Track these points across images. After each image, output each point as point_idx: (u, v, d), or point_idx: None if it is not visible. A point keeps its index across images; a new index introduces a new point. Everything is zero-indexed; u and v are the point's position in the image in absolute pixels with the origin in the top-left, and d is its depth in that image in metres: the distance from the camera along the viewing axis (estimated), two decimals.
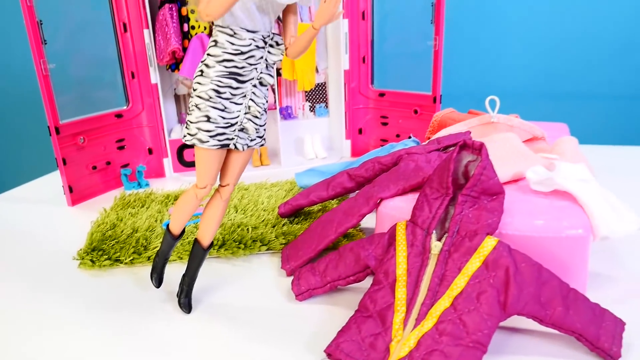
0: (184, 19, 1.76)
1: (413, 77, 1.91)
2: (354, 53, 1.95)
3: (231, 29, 0.87)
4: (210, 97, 0.88)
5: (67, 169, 1.64)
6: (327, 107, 2.12)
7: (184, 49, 1.79)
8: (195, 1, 0.89)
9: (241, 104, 0.91)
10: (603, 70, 2.38)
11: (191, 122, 0.90)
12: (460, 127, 1.40)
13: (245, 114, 0.92)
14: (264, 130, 0.99)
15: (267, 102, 0.96)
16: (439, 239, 0.96)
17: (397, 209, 1.11)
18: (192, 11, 1.75)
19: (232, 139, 0.92)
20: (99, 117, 1.74)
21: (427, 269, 0.92)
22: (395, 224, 1.02)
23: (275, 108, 1.94)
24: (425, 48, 1.78)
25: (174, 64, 1.82)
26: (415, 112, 1.89)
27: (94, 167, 1.75)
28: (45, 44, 1.53)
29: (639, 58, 2.33)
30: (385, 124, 2.02)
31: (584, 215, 1.03)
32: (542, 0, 2.29)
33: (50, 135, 1.59)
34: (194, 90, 0.89)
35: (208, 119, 0.89)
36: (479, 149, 1.00)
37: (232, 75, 0.88)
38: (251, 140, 0.96)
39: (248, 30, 0.87)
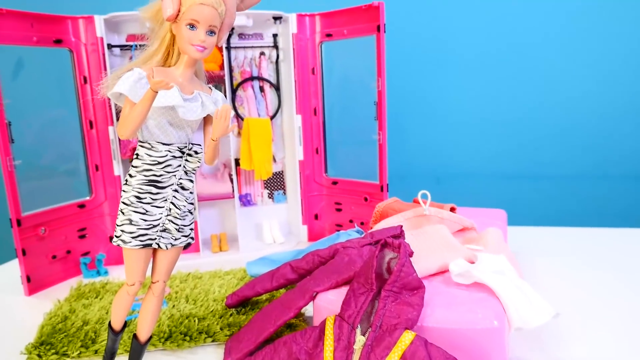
0: None
1: (363, 167, 2.06)
2: (308, 144, 2.10)
3: (149, 143, 0.97)
4: (132, 203, 0.97)
5: (26, 259, 1.69)
6: (284, 193, 2.24)
7: None
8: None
9: (162, 207, 0.99)
10: (547, 151, 2.58)
11: (117, 225, 0.99)
12: (396, 219, 1.52)
13: (167, 216, 1.00)
14: (190, 229, 1.08)
15: (190, 204, 1.05)
16: (363, 334, 1.04)
17: (331, 302, 1.18)
18: None
19: (155, 239, 1.00)
20: (62, 207, 1.82)
21: None
22: (326, 318, 1.10)
23: (233, 196, 2.04)
24: (373, 140, 1.94)
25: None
26: (366, 199, 2.02)
27: (54, 257, 1.80)
28: (13, 142, 1.63)
29: (580, 138, 2.53)
30: (339, 209, 2.13)
31: (500, 306, 1.12)
32: (485, 82, 2.52)
33: (11, 227, 1.65)
34: (121, 196, 0.99)
35: (130, 222, 0.97)
36: (398, 247, 1.10)
37: (152, 183, 0.97)
38: (175, 239, 1.03)
39: (163, 144, 0.96)
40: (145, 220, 0.98)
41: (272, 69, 2.14)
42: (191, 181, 1.04)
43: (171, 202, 1.00)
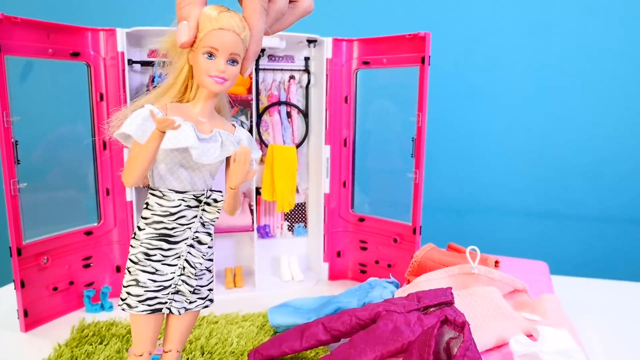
0: None
1: (393, 205, 1.92)
2: (335, 177, 1.96)
3: (160, 191, 0.84)
4: (140, 260, 0.85)
5: (24, 291, 1.53)
6: (306, 227, 2.09)
7: None
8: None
9: (175, 265, 0.87)
10: (576, 190, 2.43)
11: (123, 287, 0.87)
12: (439, 275, 1.37)
13: (180, 275, 0.88)
14: (209, 290, 0.95)
15: (208, 260, 0.92)
16: None
17: None
18: None
19: (166, 302, 0.88)
20: (67, 234, 1.67)
21: None
22: None
23: (253, 229, 1.89)
24: (406, 178, 1.79)
25: None
26: (395, 240, 1.87)
27: (55, 288, 1.64)
28: (19, 163, 1.48)
29: (612, 178, 2.39)
30: (364, 248, 1.98)
31: None
32: (513, 116, 2.39)
33: (10, 256, 1.50)
34: (129, 252, 0.87)
35: (137, 283, 0.85)
36: (461, 326, 0.95)
37: (163, 237, 0.85)
38: (189, 302, 0.91)
39: (176, 191, 0.84)
40: (155, 281, 0.86)
41: (302, 94, 2.00)
42: (209, 234, 0.91)
43: (185, 260, 0.88)
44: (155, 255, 0.85)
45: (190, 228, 0.86)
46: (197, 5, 0.78)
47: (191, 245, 0.87)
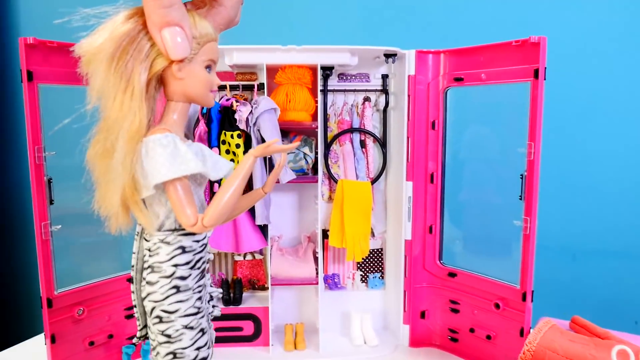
0: None
1: (494, 258, 1.50)
2: (419, 220, 1.59)
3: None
4: (199, 309, 0.76)
5: (55, 347, 1.35)
6: (382, 278, 1.73)
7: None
8: (183, 215, 0.72)
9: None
10: None
11: (184, 348, 0.74)
12: None
13: (209, 301, 0.84)
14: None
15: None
16: None
17: None
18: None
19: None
20: (106, 282, 1.48)
21: None
22: None
23: (317, 282, 1.58)
24: (512, 228, 1.38)
25: None
26: (497, 306, 1.45)
27: (91, 343, 1.45)
28: (52, 204, 1.32)
29: None
30: (455, 310, 1.57)
31: None
32: (634, 146, 1.85)
33: (41, 307, 1.33)
34: (172, 312, 0.72)
35: (203, 332, 0.76)
36: None
37: (202, 273, 0.79)
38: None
39: None
40: (207, 321, 0.80)
41: (379, 119, 1.68)
42: (209, 252, 0.85)
43: (210, 285, 0.85)
44: (203, 294, 0.78)
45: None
46: (182, 7, 0.63)
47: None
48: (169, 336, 0.73)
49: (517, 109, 1.35)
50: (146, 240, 0.75)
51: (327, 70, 1.55)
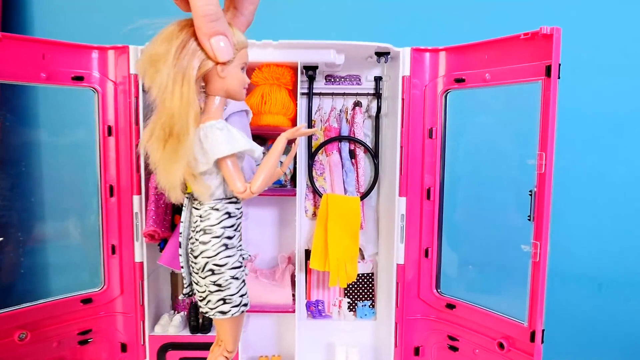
0: None
1: (500, 291, 1.29)
2: (414, 242, 1.39)
3: (235, 197, 0.87)
4: (241, 263, 0.89)
5: None
6: (373, 306, 1.53)
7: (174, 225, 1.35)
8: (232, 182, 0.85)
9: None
10: None
11: (232, 295, 0.87)
12: None
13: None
14: None
15: None
16: None
17: None
18: None
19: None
20: (57, 303, 1.32)
21: None
22: None
23: (293, 310, 1.38)
24: (520, 253, 1.17)
25: (163, 242, 1.38)
26: (501, 346, 1.23)
27: None
28: None
29: None
30: (454, 348, 1.36)
31: None
32: None
33: None
34: (222, 265, 0.86)
35: (244, 282, 0.90)
36: None
37: (241, 237, 0.90)
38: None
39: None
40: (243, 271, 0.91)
41: (371, 126, 1.49)
42: None
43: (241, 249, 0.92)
44: (243, 252, 0.91)
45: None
46: (225, 20, 0.77)
47: None
48: (220, 285, 0.86)
49: (526, 114, 1.15)
50: (196, 209, 0.87)
51: (311, 70, 1.38)
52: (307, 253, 1.49)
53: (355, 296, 1.53)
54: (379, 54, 1.36)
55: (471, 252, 1.41)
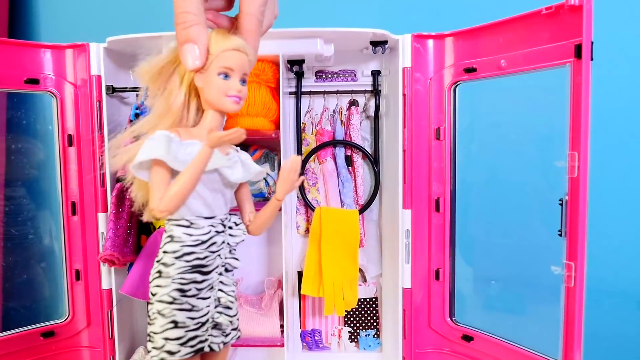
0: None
1: (526, 321, 1.07)
2: (421, 262, 1.18)
3: (186, 220, 0.77)
4: (175, 299, 0.76)
5: None
6: (378, 336, 1.33)
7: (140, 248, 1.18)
8: (140, 199, 0.81)
9: (209, 297, 0.80)
10: None
11: (154, 333, 0.77)
12: None
13: (216, 307, 0.81)
14: (237, 319, 0.86)
15: (236, 287, 0.85)
16: None
17: None
18: None
19: (206, 340, 0.80)
20: (14, 337, 1.15)
21: None
22: None
23: (282, 344, 1.19)
24: (550, 276, 0.96)
25: (131, 264, 1.21)
26: None
27: None
28: None
29: None
30: None
31: None
32: None
33: None
34: (153, 295, 0.77)
35: (176, 324, 0.76)
36: None
37: (196, 269, 0.78)
38: (226, 335, 0.83)
39: (205, 217, 0.78)
40: (194, 319, 0.78)
41: (369, 128, 1.31)
42: (236, 259, 0.84)
43: (219, 289, 0.81)
44: (190, 289, 0.77)
45: (220, 255, 0.81)
46: (203, 26, 0.74)
47: (221, 274, 0.82)
48: (149, 316, 0.78)
49: (552, 107, 0.95)
50: None
51: (296, 65, 1.20)
52: (301, 275, 1.31)
53: (357, 324, 1.33)
54: (375, 44, 1.18)
55: (490, 274, 1.20)
